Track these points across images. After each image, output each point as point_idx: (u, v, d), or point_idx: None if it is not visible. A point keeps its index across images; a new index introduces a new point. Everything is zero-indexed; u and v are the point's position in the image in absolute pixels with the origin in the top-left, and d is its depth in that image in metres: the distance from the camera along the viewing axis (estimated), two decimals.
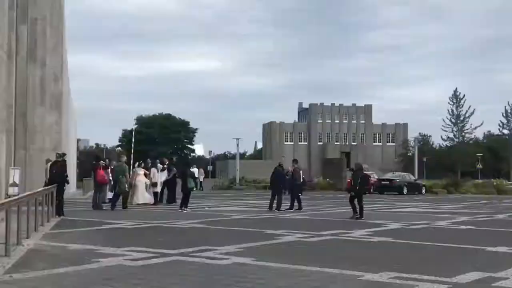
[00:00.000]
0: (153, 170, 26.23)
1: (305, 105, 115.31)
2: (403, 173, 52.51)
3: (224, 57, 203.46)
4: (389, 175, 49.40)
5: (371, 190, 38.10)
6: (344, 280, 8.62)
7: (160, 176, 26.17)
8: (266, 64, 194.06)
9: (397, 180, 45.48)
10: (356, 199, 19.87)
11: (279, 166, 23.31)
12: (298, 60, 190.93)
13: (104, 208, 22.36)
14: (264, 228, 15.90)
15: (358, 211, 19.81)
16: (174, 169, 26.41)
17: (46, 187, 18.18)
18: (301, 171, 24.68)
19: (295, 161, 24.97)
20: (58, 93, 30.15)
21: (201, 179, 49.55)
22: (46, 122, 29.12)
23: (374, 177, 46.07)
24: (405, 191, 43.94)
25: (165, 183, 26.40)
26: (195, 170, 26.24)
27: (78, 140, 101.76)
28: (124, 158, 24.39)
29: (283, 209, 22.91)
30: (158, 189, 26.20)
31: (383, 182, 45.29)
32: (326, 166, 61.20)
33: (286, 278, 8.69)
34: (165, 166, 26.66)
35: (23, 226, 13.15)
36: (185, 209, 21.82)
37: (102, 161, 24.91)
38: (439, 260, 10.96)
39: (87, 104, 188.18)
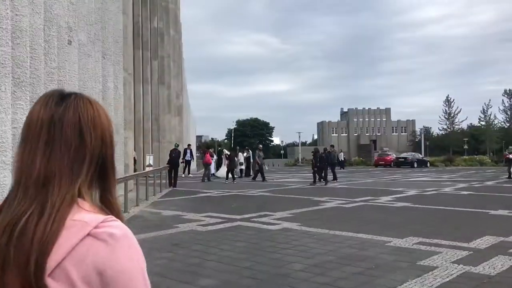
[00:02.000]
0: (240, 154, 35.01)
1: (345, 109, 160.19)
2: (413, 153, 67.48)
3: (292, 82, 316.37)
4: (403, 154, 64.13)
5: (392, 164, 55.71)
6: (375, 246, 8.85)
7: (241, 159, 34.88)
8: (319, 85, 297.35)
9: (410, 158, 58.80)
10: (320, 172, 26.21)
11: (316, 152, 27.69)
12: (341, 81, 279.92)
13: (207, 180, 28.45)
14: (313, 196, 18.19)
15: (323, 180, 26.12)
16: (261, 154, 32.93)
17: (164, 167, 24.06)
18: (341, 153, 41.14)
19: (331, 146, 33.51)
20: (179, 105, 42.75)
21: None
22: (171, 124, 39.76)
23: (393, 155, 62.00)
24: (415, 165, 56.32)
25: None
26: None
27: (201, 137, 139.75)
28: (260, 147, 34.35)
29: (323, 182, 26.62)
30: (243, 167, 35.06)
31: (399, 159, 58.53)
32: (360, 149, 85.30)
33: (324, 244, 9.00)
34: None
35: (142, 195, 14.75)
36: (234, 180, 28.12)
37: (210, 149, 36.99)
38: (455, 224, 11.44)
39: (206, 113, 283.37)
